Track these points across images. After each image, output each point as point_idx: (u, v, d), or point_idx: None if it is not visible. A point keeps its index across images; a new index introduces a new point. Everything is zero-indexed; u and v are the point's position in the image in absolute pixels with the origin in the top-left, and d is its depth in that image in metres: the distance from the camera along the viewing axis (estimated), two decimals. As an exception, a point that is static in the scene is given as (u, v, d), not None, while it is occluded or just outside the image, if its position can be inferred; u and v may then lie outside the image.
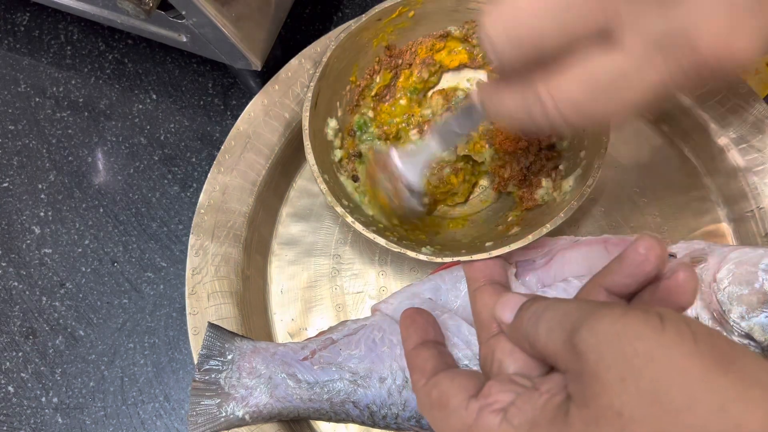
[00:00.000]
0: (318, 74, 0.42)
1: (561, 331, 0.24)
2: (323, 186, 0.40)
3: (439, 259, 0.39)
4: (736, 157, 0.45)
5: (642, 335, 0.22)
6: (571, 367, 0.24)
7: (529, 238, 0.38)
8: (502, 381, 0.27)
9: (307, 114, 0.41)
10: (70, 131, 0.54)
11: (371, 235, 0.39)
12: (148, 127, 0.53)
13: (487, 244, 0.40)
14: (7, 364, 0.48)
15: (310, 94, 0.41)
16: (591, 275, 0.36)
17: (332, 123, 0.44)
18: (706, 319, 0.37)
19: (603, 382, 0.22)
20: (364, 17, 0.42)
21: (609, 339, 0.22)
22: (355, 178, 0.45)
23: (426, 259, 0.39)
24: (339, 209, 0.40)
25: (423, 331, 0.33)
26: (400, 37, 0.45)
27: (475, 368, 0.37)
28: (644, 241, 0.27)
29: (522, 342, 0.28)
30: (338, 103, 0.45)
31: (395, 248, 0.39)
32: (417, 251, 0.39)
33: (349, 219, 0.39)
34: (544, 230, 0.38)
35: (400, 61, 0.46)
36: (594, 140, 0.40)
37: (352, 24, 0.42)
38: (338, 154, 0.44)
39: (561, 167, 0.43)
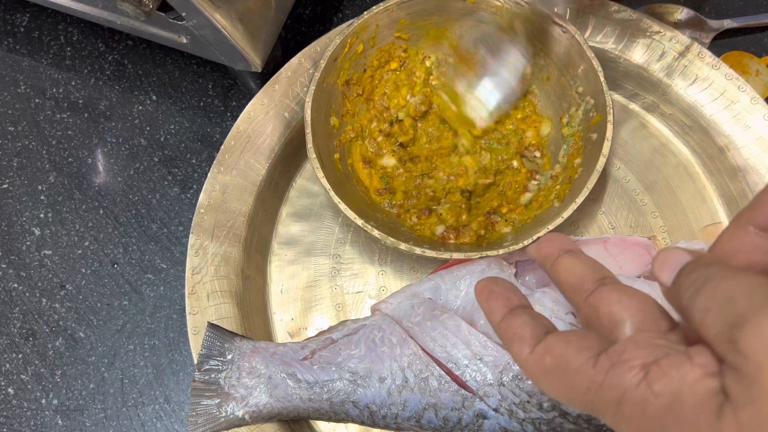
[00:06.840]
0: (309, 135, 0.42)
1: (721, 317, 0.21)
2: (376, 233, 0.40)
3: (508, 248, 0.40)
4: (736, 157, 0.45)
5: None
6: (729, 360, 0.20)
7: (595, 174, 0.40)
8: (640, 339, 0.23)
9: (322, 174, 0.41)
10: (69, 132, 0.54)
11: (420, 253, 0.40)
12: (148, 129, 0.53)
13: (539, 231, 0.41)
14: (7, 365, 0.48)
15: (314, 156, 0.41)
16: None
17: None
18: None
19: (766, 391, 0.19)
20: (322, 63, 0.43)
21: None
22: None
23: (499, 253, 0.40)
24: (404, 246, 0.40)
25: (506, 299, 0.30)
26: (357, 66, 0.46)
27: (483, 366, 0.37)
28: None
29: (678, 309, 0.24)
30: (332, 150, 0.45)
31: (461, 256, 0.40)
32: (494, 250, 0.40)
33: (403, 246, 0.40)
34: (602, 160, 0.40)
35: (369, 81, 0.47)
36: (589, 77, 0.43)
37: (315, 73, 0.42)
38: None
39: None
